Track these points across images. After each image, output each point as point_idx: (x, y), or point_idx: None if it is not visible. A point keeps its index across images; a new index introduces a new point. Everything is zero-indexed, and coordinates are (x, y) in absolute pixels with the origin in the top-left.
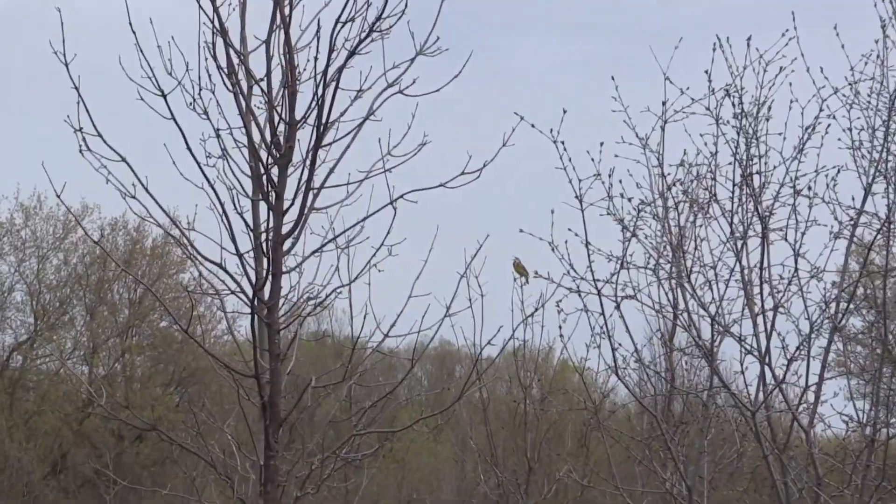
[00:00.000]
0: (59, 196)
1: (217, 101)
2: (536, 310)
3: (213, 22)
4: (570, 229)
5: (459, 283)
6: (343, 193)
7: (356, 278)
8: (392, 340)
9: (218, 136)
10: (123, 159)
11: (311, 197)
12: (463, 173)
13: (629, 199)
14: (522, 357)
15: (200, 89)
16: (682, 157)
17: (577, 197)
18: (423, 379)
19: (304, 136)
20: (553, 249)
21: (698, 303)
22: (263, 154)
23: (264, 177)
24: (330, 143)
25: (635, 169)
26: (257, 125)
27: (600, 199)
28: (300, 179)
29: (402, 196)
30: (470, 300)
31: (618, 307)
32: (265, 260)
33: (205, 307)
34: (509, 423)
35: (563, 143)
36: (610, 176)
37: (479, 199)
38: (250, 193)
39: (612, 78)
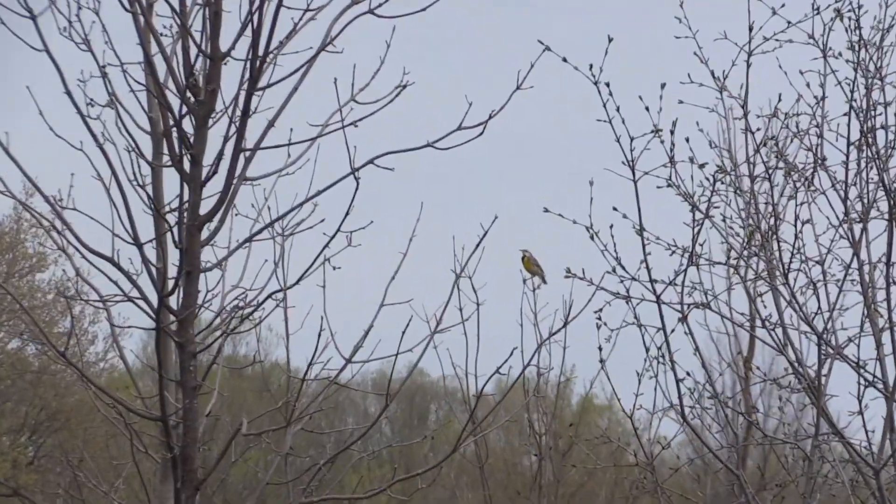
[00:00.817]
0: None
1: (103, 26)
2: (566, 324)
3: None
4: (615, 209)
5: (454, 289)
6: (286, 158)
7: (302, 278)
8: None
9: (104, 75)
10: None
11: (241, 162)
12: (459, 129)
13: (700, 166)
14: (536, 393)
15: (80, 8)
16: (776, 106)
17: (627, 163)
18: (385, 423)
19: (232, 75)
20: (593, 237)
21: (798, 313)
22: (173, 101)
23: (174, 133)
24: (269, 86)
25: (708, 122)
26: (164, 59)
27: (659, 166)
28: (225, 137)
29: (370, 161)
30: (461, 310)
31: (683, 320)
32: (176, 252)
33: (71, 318)
34: (514, 484)
35: (607, 85)
36: (673, 132)
37: (483, 167)
38: (151, 157)
39: None
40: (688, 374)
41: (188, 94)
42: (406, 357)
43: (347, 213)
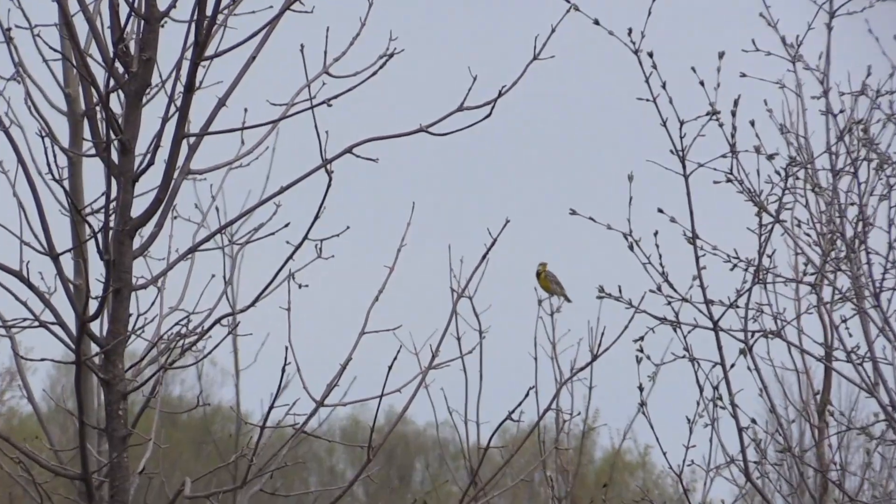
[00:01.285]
0: None
1: None
2: (595, 357)
3: None
4: (661, 210)
5: (452, 314)
6: (239, 146)
7: (260, 299)
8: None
9: (8, 40)
10: None
11: (183, 151)
12: (461, 109)
13: (769, 157)
14: (556, 446)
15: None
16: (863, 81)
17: (676, 152)
18: (357, 484)
19: (173, 41)
20: (632, 247)
21: (893, 343)
22: (98, 72)
23: (99, 113)
24: (219, 54)
25: (776, 100)
26: (86, 19)
27: (717, 157)
28: (164, 119)
29: (347, 151)
30: (459, 339)
31: (748, 352)
32: (101, 265)
33: None
34: None
35: (650, 55)
36: (734, 114)
37: (490, 159)
38: (69, 144)
39: None
40: (753, 421)
41: (117, 63)
42: (387, 400)
43: (318, 216)
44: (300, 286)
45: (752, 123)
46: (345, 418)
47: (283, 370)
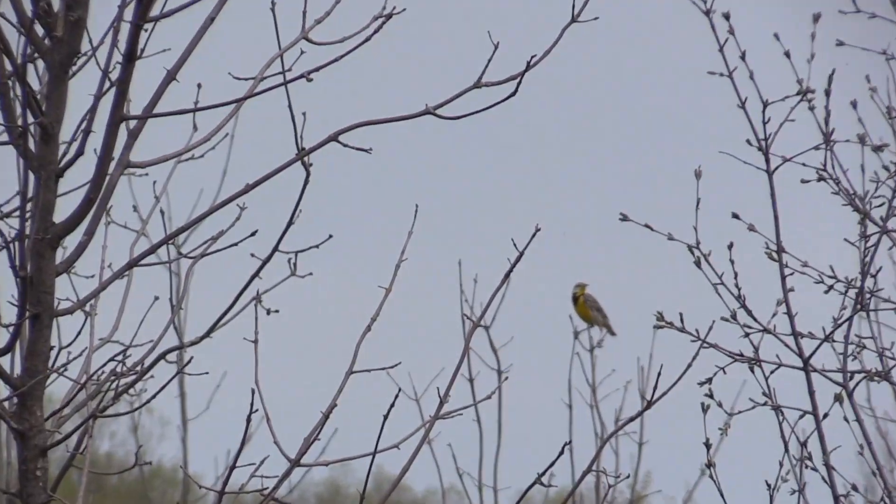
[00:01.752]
0: None
1: None
2: (649, 404)
3: None
4: (736, 216)
5: (465, 350)
6: (191, 132)
7: (216, 328)
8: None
9: None
10: None
11: (121, 138)
12: (477, 86)
13: (876, 149)
14: None
15: None
16: None
17: (756, 143)
18: None
19: None
20: (699, 262)
21: None
22: (11, 37)
23: (13, 90)
24: (166, 14)
25: (880, 77)
26: None
27: (808, 150)
28: (97, 96)
29: (332, 139)
30: (472, 381)
31: (846, 397)
32: (15, 284)
33: None
34: None
35: (727, 17)
36: (829, 94)
37: (513, 151)
38: None
39: None
40: (854, 488)
41: (36, 25)
42: (379, 459)
43: (291, 223)
44: (269, 312)
45: (854, 105)
46: (321, 483)
47: (248, 419)
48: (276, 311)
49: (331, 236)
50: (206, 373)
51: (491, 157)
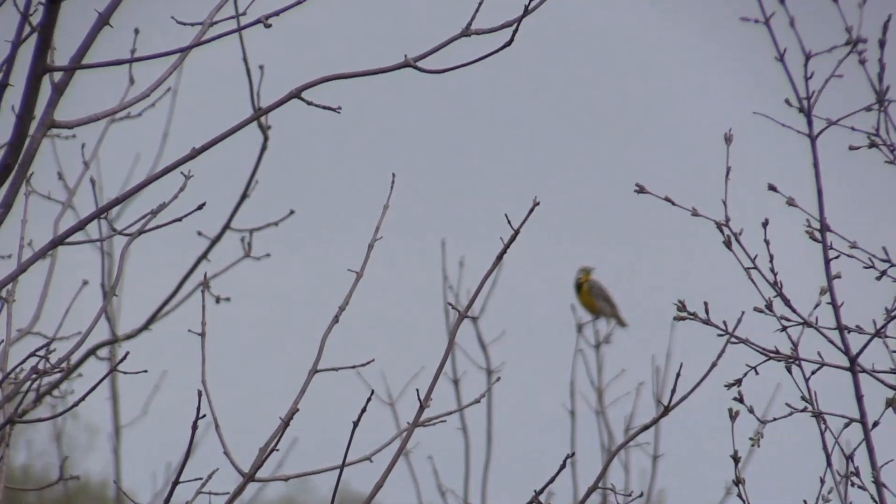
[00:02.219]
0: None
1: None
2: (667, 410)
3: None
4: (773, 188)
5: (450, 346)
6: (127, 86)
7: (156, 319)
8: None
9: None
10: None
11: (44, 93)
12: (466, 34)
13: None
14: None
15: None
16: None
17: (797, 103)
18: None
19: None
20: (729, 242)
21: None
22: None
23: None
24: None
25: None
26: None
27: (857, 111)
28: (15, 44)
29: (294, 95)
30: (456, 383)
31: None
32: None
33: None
34: None
35: None
36: (883, 45)
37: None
38: None
39: None
40: None
41: None
42: (349, 473)
43: (246, 196)
44: (218, 300)
45: None
46: (276, 501)
47: (195, 426)
48: (227, 300)
49: (292, 212)
50: (145, 371)
51: (481, 119)
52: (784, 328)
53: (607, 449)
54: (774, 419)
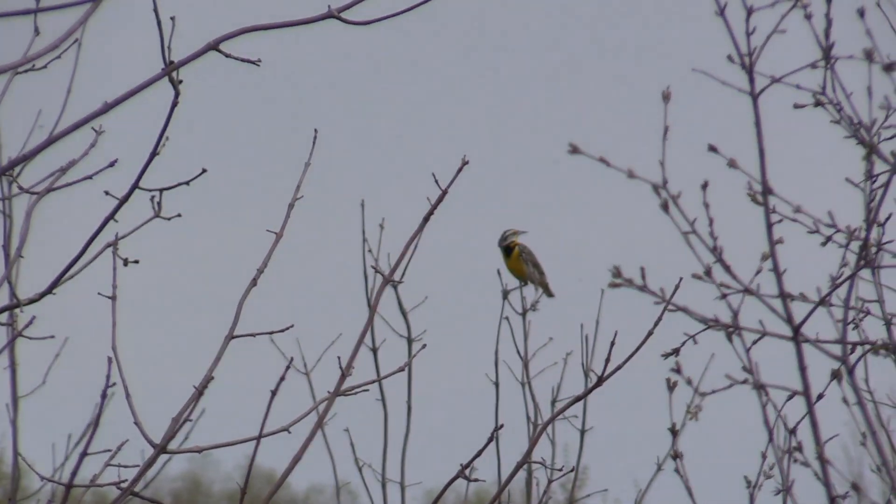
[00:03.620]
0: None
1: None
2: (599, 381)
3: None
4: (713, 148)
5: (372, 313)
6: (32, 35)
7: (60, 282)
8: None
9: None
10: None
11: None
12: None
13: (886, 67)
14: None
15: None
16: None
17: (740, 58)
18: None
19: None
20: (667, 205)
21: None
22: None
23: None
24: None
25: None
26: None
27: (802, 68)
28: None
29: (211, 47)
30: (375, 351)
31: (845, 375)
32: None
33: None
34: None
35: None
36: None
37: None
38: None
39: None
40: (853, 487)
41: None
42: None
43: (156, 153)
44: (127, 262)
45: (861, 13)
46: (178, 478)
47: (104, 394)
48: (136, 262)
49: (204, 170)
50: (52, 336)
51: (409, 75)
52: (724, 296)
53: (533, 421)
54: (714, 391)
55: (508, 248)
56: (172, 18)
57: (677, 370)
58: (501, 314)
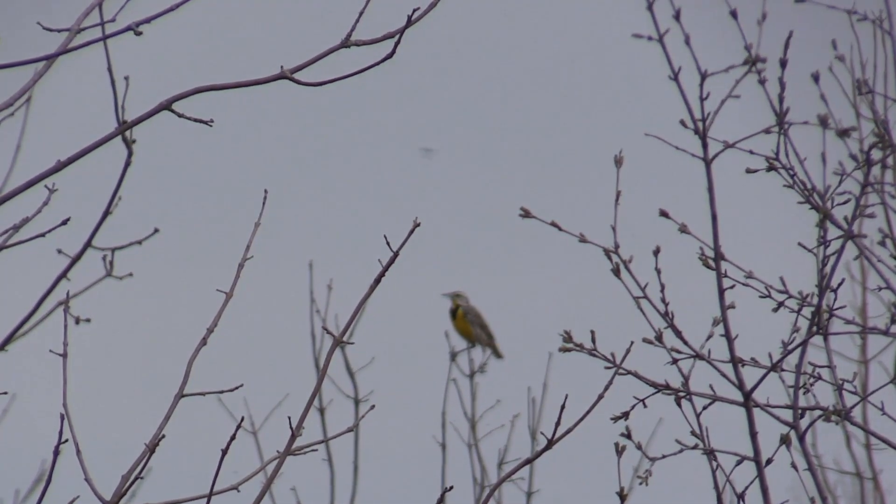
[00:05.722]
0: None
1: None
2: (549, 444)
3: None
4: (665, 214)
5: (323, 373)
6: None
7: (12, 340)
8: None
9: None
10: None
11: None
12: (345, 45)
13: (840, 133)
14: None
15: None
16: None
17: (693, 123)
18: None
19: None
20: (618, 270)
21: None
22: None
23: None
24: None
25: (845, 41)
26: None
27: (756, 133)
28: None
29: (164, 107)
30: (322, 412)
31: (795, 440)
32: None
33: None
34: None
35: None
36: (784, 65)
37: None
38: None
39: None
40: None
41: None
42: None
43: (108, 212)
44: (78, 321)
45: (816, 78)
46: None
47: (56, 451)
48: (88, 321)
49: (156, 230)
50: (5, 392)
51: (361, 136)
52: (674, 361)
53: (479, 483)
54: (664, 456)
55: (454, 310)
56: (126, 78)
57: (627, 434)
58: (449, 376)
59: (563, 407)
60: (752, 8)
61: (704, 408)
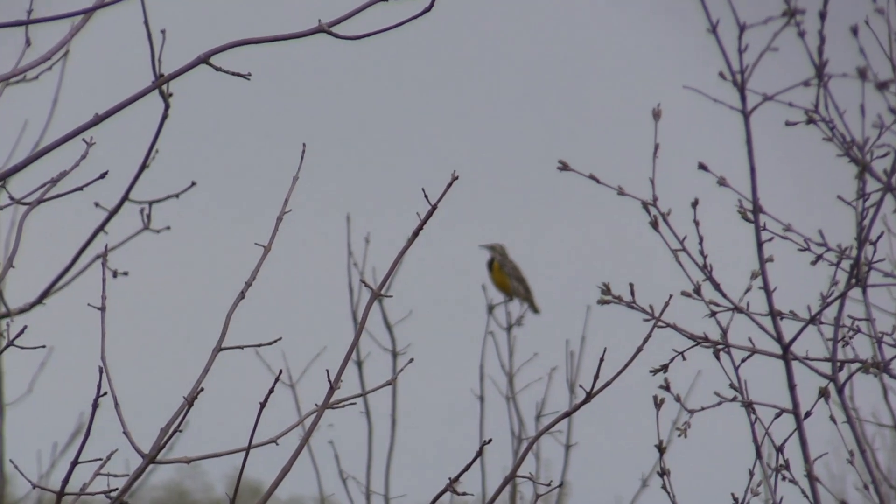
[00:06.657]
0: None
1: None
2: (589, 397)
3: None
4: (703, 167)
5: (361, 326)
6: (22, 49)
7: (50, 292)
8: None
9: None
10: None
11: None
12: None
13: (879, 86)
14: None
15: None
16: None
17: (732, 76)
18: None
19: None
20: (656, 223)
21: None
22: None
23: None
24: None
25: None
26: None
27: (795, 86)
28: None
29: (201, 61)
30: (359, 364)
31: (834, 393)
32: None
33: None
34: None
35: None
36: (823, 16)
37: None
38: None
39: None
40: None
41: None
42: (238, 460)
43: (146, 166)
44: (116, 274)
45: (855, 31)
46: (161, 487)
47: (95, 404)
48: (125, 274)
49: (194, 183)
50: (43, 346)
51: (398, 90)
52: (713, 313)
53: (517, 436)
54: (702, 408)
55: (490, 262)
56: (163, 31)
57: (666, 387)
58: (486, 329)
59: (601, 360)
60: None
61: (743, 360)
